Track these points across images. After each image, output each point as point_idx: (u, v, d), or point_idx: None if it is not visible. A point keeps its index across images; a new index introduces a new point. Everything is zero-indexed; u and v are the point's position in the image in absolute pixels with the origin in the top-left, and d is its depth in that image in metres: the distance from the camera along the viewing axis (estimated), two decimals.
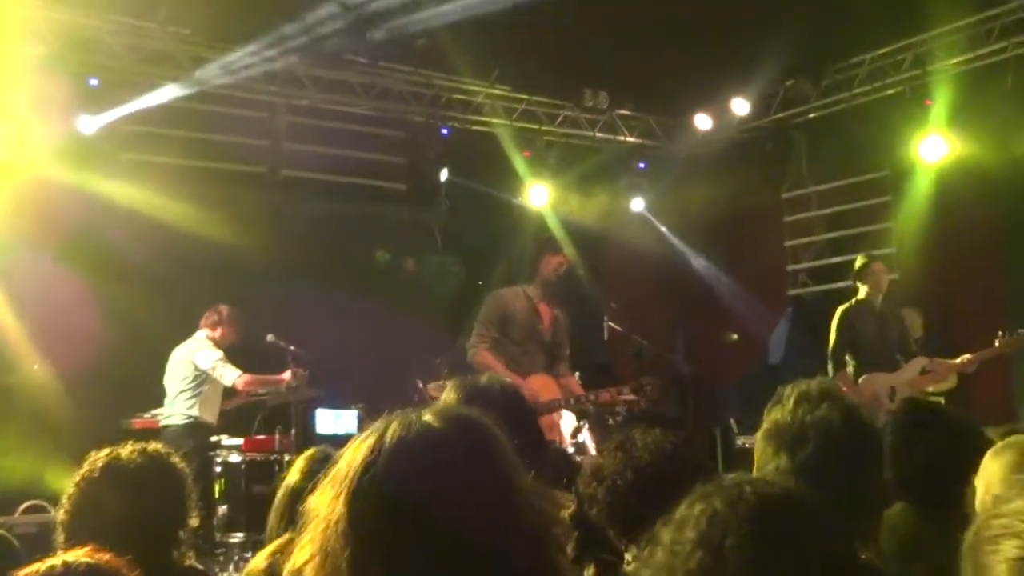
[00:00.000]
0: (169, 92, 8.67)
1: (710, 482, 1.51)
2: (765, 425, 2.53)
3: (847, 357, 7.89)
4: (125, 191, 8.76)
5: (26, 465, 8.33)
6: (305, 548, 1.47)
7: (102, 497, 2.92)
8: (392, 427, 1.48)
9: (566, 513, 1.58)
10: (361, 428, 8.26)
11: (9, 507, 7.93)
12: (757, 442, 2.57)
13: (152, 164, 9.25)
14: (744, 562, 1.34)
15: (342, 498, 1.44)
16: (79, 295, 8.54)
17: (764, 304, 11.78)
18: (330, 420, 8.75)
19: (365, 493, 1.42)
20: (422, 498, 1.41)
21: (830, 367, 7.87)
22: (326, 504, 1.46)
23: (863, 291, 8.05)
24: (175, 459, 3.16)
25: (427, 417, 1.50)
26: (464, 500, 1.42)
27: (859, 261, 8.29)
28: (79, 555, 2.69)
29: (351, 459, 1.47)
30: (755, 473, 2.52)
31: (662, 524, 1.46)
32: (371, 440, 1.48)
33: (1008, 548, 1.25)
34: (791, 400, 2.50)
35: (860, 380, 7.72)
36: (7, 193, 8.41)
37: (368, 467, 1.44)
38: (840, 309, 8.05)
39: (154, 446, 3.18)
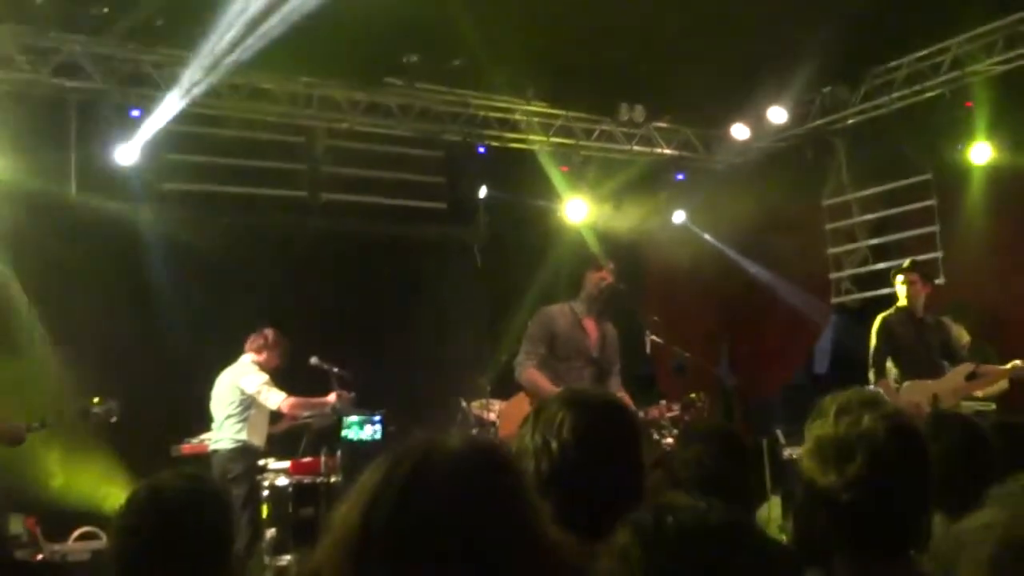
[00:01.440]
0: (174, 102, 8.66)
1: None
2: (808, 444, 2.47)
3: (888, 365, 7.82)
4: (167, 220, 8.88)
5: (80, 492, 8.46)
6: (320, 554, 1.51)
7: (144, 523, 2.95)
8: (413, 446, 1.52)
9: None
10: (385, 434, 8.29)
11: (63, 534, 8.04)
12: (803, 459, 2.52)
13: (193, 193, 9.39)
14: None
15: (357, 509, 1.47)
16: (124, 325, 8.66)
17: (808, 313, 11.70)
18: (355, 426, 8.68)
19: (380, 506, 1.45)
20: (435, 519, 1.43)
21: (871, 375, 7.81)
22: (343, 514, 1.49)
23: (902, 298, 8.01)
24: (215, 482, 3.20)
25: (449, 441, 1.53)
26: (475, 525, 1.43)
27: (894, 271, 8.27)
28: None
29: (373, 474, 1.51)
30: (804, 489, 2.49)
31: None
32: (393, 457, 1.52)
33: None
34: (831, 413, 2.44)
35: (902, 387, 7.62)
36: (51, 226, 8.56)
37: (387, 483, 1.47)
38: (880, 316, 8.01)
39: (192, 471, 3.23)
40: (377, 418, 8.45)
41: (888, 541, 2.30)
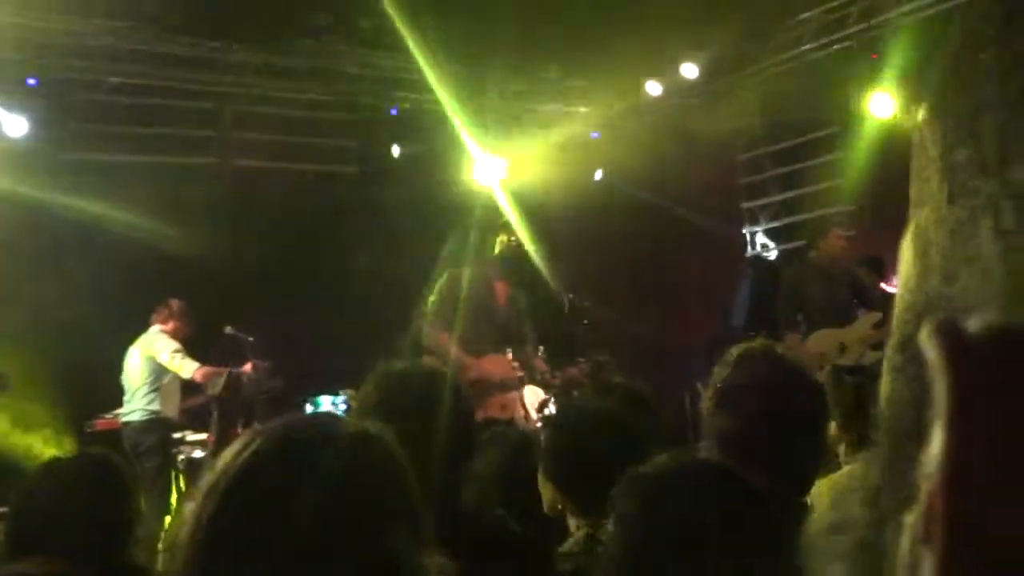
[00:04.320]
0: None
1: None
2: (709, 388, 2.60)
3: (799, 317, 7.88)
4: (68, 192, 8.60)
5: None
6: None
7: (38, 503, 2.93)
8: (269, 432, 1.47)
9: None
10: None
11: None
12: (704, 401, 2.66)
13: (96, 163, 9.12)
14: None
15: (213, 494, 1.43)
16: (30, 304, 8.41)
17: (725, 267, 11.83)
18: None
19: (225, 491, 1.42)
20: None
21: (780, 329, 7.90)
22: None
23: (813, 251, 8.08)
24: (112, 459, 3.16)
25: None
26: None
27: (817, 225, 8.34)
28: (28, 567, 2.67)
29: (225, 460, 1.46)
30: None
31: None
32: (242, 443, 1.47)
33: None
34: (731, 363, 2.57)
35: (809, 338, 7.66)
36: None
37: (231, 470, 1.43)
38: (787, 273, 8.11)
39: (93, 448, 3.20)
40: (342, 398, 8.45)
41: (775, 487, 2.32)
